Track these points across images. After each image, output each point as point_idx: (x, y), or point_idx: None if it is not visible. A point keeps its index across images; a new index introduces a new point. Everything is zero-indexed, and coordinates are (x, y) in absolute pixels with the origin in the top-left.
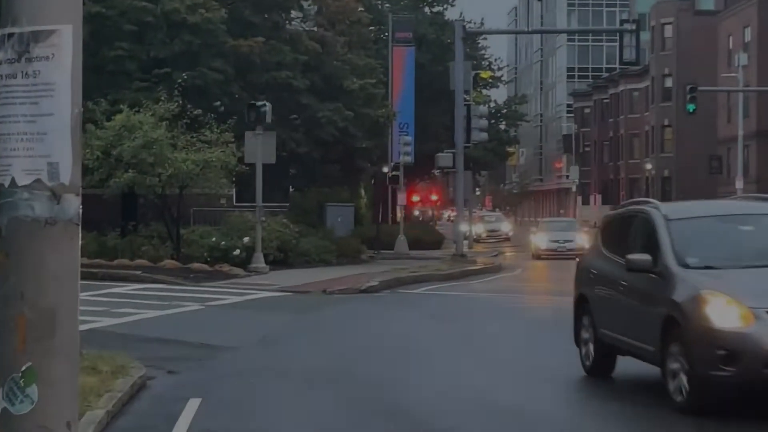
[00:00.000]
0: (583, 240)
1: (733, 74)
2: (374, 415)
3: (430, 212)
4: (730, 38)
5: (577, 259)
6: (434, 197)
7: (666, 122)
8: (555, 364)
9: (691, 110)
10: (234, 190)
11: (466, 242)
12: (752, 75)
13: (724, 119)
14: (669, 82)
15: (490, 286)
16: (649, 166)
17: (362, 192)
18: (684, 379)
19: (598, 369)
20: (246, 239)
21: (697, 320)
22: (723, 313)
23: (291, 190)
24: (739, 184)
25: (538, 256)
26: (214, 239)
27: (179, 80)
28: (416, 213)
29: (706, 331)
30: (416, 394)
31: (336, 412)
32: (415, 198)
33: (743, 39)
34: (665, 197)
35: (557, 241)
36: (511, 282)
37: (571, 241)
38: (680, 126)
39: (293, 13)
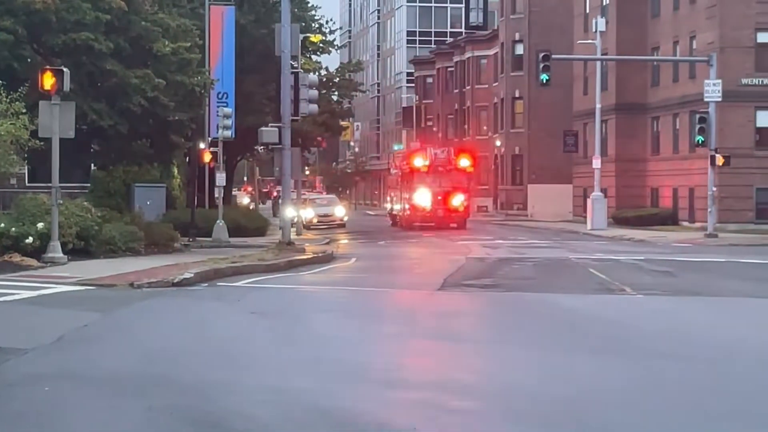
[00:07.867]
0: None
1: (590, 41)
2: (195, 425)
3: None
4: (587, 0)
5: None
6: None
7: (517, 94)
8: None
9: (544, 81)
10: (26, 168)
11: (293, 229)
12: (611, 42)
13: (581, 91)
14: (520, 49)
15: (320, 278)
16: (498, 143)
17: (175, 171)
18: None
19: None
20: (40, 225)
21: None
22: None
23: (93, 168)
24: (596, 163)
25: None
26: (2, 225)
27: None
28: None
29: None
30: (240, 399)
31: (150, 423)
32: None
33: (601, 1)
34: (516, 177)
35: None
36: (344, 273)
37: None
38: (533, 98)
39: None
